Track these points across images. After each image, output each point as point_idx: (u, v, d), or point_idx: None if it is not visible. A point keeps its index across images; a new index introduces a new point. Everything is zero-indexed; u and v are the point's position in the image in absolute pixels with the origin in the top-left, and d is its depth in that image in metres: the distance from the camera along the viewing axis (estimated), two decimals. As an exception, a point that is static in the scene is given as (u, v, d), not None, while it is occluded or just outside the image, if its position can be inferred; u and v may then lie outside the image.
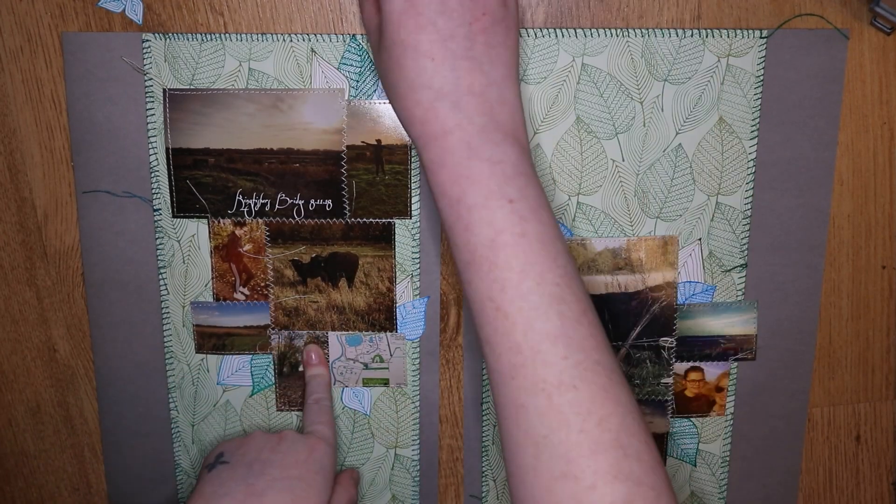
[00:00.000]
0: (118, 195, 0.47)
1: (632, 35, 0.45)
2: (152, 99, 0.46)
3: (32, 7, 0.45)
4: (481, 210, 0.33)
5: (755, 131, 0.46)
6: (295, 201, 0.47)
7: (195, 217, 0.47)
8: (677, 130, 0.46)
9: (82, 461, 0.52)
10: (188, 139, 0.46)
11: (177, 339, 0.49)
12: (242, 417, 0.51)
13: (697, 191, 0.47)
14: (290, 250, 0.48)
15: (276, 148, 0.46)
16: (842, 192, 0.48)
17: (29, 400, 0.51)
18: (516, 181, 0.34)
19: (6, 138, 0.47)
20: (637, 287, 0.48)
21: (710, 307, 0.49)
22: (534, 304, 0.32)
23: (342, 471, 0.50)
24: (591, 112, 0.46)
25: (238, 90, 0.45)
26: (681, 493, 0.52)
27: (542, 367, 0.32)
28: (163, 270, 0.48)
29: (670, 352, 0.49)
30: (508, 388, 0.33)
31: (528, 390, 0.32)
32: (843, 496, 0.53)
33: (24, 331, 0.50)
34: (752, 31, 0.45)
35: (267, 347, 0.49)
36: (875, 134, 0.47)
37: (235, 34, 0.45)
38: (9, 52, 0.45)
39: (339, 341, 0.49)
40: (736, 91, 0.46)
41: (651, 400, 0.50)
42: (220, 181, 0.47)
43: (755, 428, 0.51)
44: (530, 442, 0.32)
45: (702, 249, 0.48)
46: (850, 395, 0.51)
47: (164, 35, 0.45)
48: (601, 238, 0.47)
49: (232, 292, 0.48)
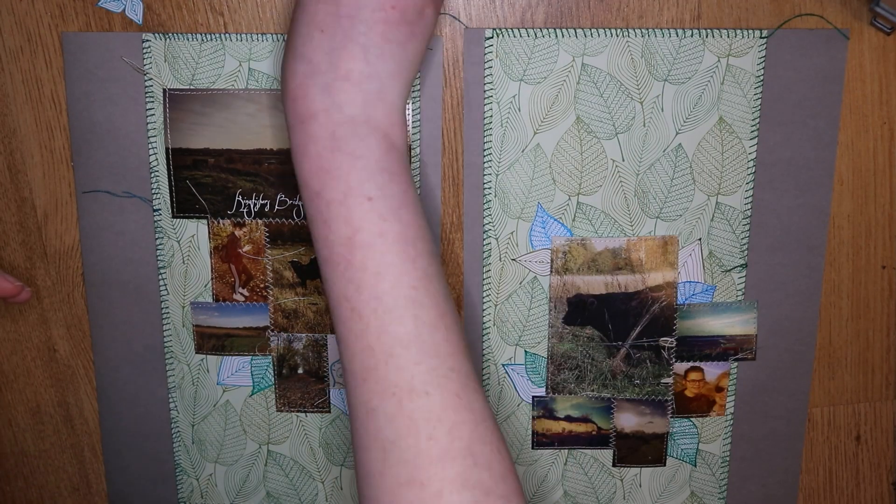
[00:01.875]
0: (118, 195, 0.47)
1: (632, 35, 0.45)
2: (152, 99, 0.46)
3: (32, 7, 0.45)
4: (339, 206, 0.32)
5: (755, 131, 0.46)
6: (294, 202, 0.47)
7: (195, 217, 0.47)
8: (677, 130, 0.46)
9: (82, 461, 0.52)
10: (188, 139, 0.46)
11: (177, 340, 0.49)
12: (242, 417, 0.51)
13: (697, 191, 0.47)
14: (290, 251, 0.48)
15: (275, 148, 0.46)
16: (842, 192, 0.48)
17: (29, 400, 0.51)
18: (377, 178, 0.33)
19: (6, 138, 0.47)
20: (637, 287, 0.48)
21: (710, 307, 0.49)
22: (388, 307, 0.31)
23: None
24: (591, 112, 0.46)
25: (238, 90, 0.45)
26: (681, 492, 0.52)
27: (395, 372, 0.31)
28: (162, 271, 0.48)
29: (670, 352, 0.49)
30: (360, 391, 0.32)
31: (380, 394, 0.31)
32: (843, 496, 0.53)
33: (24, 331, 0.50)
34: (752, 31, 0.45)
35: (266, 349, 0.49)
36: (875, 134, 0.47)
37: (235, 34, 0.45)
38: (9, 52, 0.45)
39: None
40: (736, 91, 0.46)
41: (651, 400, 0.50)
42: (220, 181, 0.47)
43: (755, 428, 0.51)
44: (378, 446, 0.31)
45: (702, 249, 0.48)
46: (850, 395, 0.51)
47: (164, 35, 0.45)
48: (601, 238, 0.47)
49: (231, 293, 0.48)
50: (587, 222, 0.47)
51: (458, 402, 0.31)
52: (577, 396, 0.50)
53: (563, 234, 0.47)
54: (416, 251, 0.33)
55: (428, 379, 0.31)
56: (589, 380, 0.49)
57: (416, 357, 0.31)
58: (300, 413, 0.51)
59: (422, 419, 0.30)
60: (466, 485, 0.30)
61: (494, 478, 0.30)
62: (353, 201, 0.32)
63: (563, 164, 0.46)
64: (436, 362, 0.31)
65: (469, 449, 0.30)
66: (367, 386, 0.31)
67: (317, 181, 0.33)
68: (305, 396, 0.50)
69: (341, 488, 0.52)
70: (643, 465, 0.51)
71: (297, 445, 0.51)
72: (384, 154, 0.33)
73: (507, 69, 0.45)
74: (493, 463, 0.31)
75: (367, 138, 0.33)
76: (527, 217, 0.47)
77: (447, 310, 0.33)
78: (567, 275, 0.48)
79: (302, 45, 0.33)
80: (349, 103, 0.33)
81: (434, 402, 0.31)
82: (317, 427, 0.51)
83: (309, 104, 0.33)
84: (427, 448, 0.30)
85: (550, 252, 0.48)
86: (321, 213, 0.33)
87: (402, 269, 0.32)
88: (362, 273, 0.32)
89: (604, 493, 0.52)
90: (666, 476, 0.51)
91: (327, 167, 0.32)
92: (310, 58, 0.33)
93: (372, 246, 0.32)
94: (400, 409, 0.31)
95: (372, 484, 0.31)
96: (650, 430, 0.50)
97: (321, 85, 0.33)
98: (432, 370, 0.31)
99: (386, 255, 0.32)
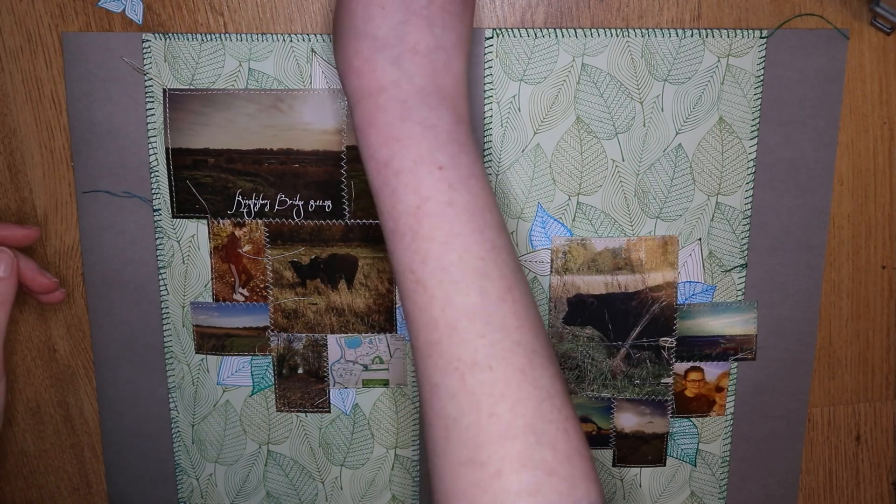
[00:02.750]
0: (118, 195, 0.47)
1: (632, 35, 0.45)
2: (152, 99, 0.46)
3: (32, 7, 0.45)
4: (408, 175, 0.31)
5: (755, 131, 0.46)
6: (294, 202, 0.47)
7: (195, 217, 0.47)
8: (677, 130, 0.46)
9: (82, 461, 0.52)
10: (188, 139, 0.46)
11: (177, 340, 0.49)
12: (242, 417, 0.51)
13: (697, 191, 0.47)
14: (290, 251, 0.48)
15: (275, 148, 0.46)
16: (842, 192, 0.48)
17: (29, 400, 0.51)
18: (448, 148, 0.32)
19: (6, 138, 0.47)
20: (637, 287, 0.48)
21: (710, 307, 0.49)
22: (454, 279, 0.30)
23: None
24: (591, 112, 0.46)
25: (238, 90, 0.45)
26: (681, 492, 0.52)
27: (458, 346, 0.30)
28: (162, 271, 0.48)
29: (670, 352, 0.49)
30: (425, 366, 0.31)
31: (442, 369, 0.30)
32: (843, 496, 0.53)
33: (24, 331, 0.50)
34: (752, 31, 0.45)
35: (266, 349, 0.49)
36: (875, 134, 0.47)
37: (235, 34, 0.45)
38: (9, 52, 0.45)
39: (338, 344, 0.49)
40: (736, 91, 0.46)
41: (651, 400, 0.50)
42: (220, 181, 0.47)
43: (755, 428, 0.51)
44: (441, 424, 0.30)
45: (702, 249, 0.48)
46: (850, 395, 0.51)
47: (164, 35, 0.45)
48: (601, 238, 0.47)
49: (231, 293, 0.48)
50: (587, 222, 0.47)
51: (521, 377, 0.30)
52: (577, 396, 0.50)
53: (563, 234, 0.47)
54: (484, 222, 0.32)
55: (491, 353, 0.30)
56: (589, 380, 0.49)
57: (481, 330, 0.30)
58: (300, 413, 0.51)
59: (484, 395, 0.29)
60: (527, 464, 0.28)
61: (558, 458, 0.29)
62: (423, 170, 0.31)
63: (563, 164, 0.46)
64: (500, 335, 0.30)
65: (531, 427, 0.29)
66: (431, 361, 0.30)
67: (386, 150, 0.32)
68: (305, 396, 0.50)
69: (341, 488, 0.52)
70: (643, 465, 0.51)
71: (297, 445, 0.51)
72: (454, 125, 0.33)
73: (507, 69, 0.45)
74: (559, 442, 0.29)
75: (438, 108, 0.33)
76: (527, 217, 0.47)
77: (515, 282, 0.32)
78: (567, 275, 0.48)
79: (364, 24, 0.33)
80: (420, 74, 0.33)
81: (497, 376, 0.29)
82: (317, 427, 0.51)
83: (379, 77, 0.32)
84: (488, 425, 0.29)
85: (550, 252, 0.48)
86: (389, 183, 0.32)
87: (470, 240, 0.31)
88: (429, 243, 0.31)
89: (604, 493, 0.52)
90: (666, 476, 0.51)
91: (397, 135, 0.32)
92: (374, 34, 0.33)
93: (441, 215, 0.31)
94: (462, 384, 0.30)
95: (437, 463, 0.30)
96: (650, 430, 0.50)
97: (390, 58, 0.32)
98: (496, 343, 0.30)
99: (455, 224, 0.31)
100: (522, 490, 0.28)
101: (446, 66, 0.34)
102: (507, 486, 0.28)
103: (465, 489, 0.29)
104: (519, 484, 0.28)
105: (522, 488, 0.28)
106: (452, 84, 0.34)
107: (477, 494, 0.28)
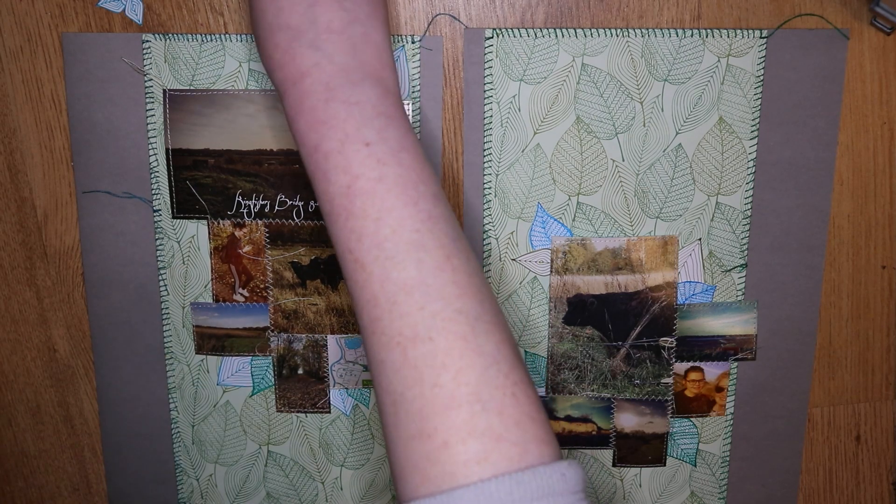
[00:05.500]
0: (118, 195, 0.47)
1: (632, 35, 0.45)
2: (152, 99, 0.46)
3: (32, 7, 0.45)
4: (337, 156, 0.31)
5: (755, 131, 0.46)
6: (294, 203, 0.47)
7: (195, 218, 0.47)
8: (677, 130, 0.46)
9: (82, 461, 0.52)
10: (188, 140, 0.46)
11: (177, 340, 0.49)
12: (242, 418, 0.51)
13: (697, 191, 0.47)
14: (290, 252, 0.48)
15: (275, 149, 0.46)
16: (842, 192, 0.48)
17: (29, 400, 0.51)
18: (375, 122, 0.32)
19: (6, 138, 0.47)
20: (637, 287, 0.48)
21: (710, 307, 0.49)
22: (390, 254, 0.30)
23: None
24: (591, 112, 0.46)
25: (238, 91, 0.45)
26: (681, 492, 0.52)
27: (398, 320, 0.29)
28: (163, 271, 0.48)
29: (670, 352, 0.49)
30: (370, 344, 0.31)
31: (386, 345, 0.30)
32: (843, 496, 0.53)
33: (24, 331, 0.50)
34: (752, 31, 0.45)
35: (266, 349, 0.49)
36: (875, 134, 0.47)
37: (235, 34, 0.45)
38: (9, 52, 0.45)
39: (338, 344, 0.49)
40: (736, 91, 0.46)
41: (651, 400, 0.50)
42: (220, 182, 0.47)
43: (755, 428, 0.51)
44: (389, 400, 0.30)
45: (702, 249, 0.48)
46: (850, 395, 0.51)
47: (164, 35, 0.45)
48: (601, 238, 0.47)
49: (231, 294, 0.48)
50: (587, 222, 0.47)
51: (464, 345, 0.29)
52: (577, 396, 0.50)
53: (563, 234, 0.47)
54: (417, 193, 0.31)
55: (431, 324, 0.29)
56: (589, 380, 0.49)
57: (420, 302, 0.29)
58: (300, 413, 0.51)
59: (426, 366, 0.29)
60: (473, 433, 0.28)
61: (506, 423, 0.28)
62: (351, 148, 0.31)
63: (563, 164, 0.46)
64: (440, 305, 0.29)
65: (476, 394, 0.28)
66: (375, 338, 0.30)
67: (314, 134, 0.32)
68: (305, 397, 0.50)
69: (341, 488, 0.52)
70: (643, 465, 0.51)
71: (297, 446, 0.51)
72: (380, 99, 0.32)
73: (507, 69, 0.45)
74: (507, 408, 0.29)
75: (362, 84, 0.32)
76: (527, 217, 0.47)
77: (455, 251, 0.31)
78: (567, 275, 0.48)
79: (275, 17, 0.33)
80: (339, 52, 0.32)
81: (438, 347, 0.29)
82: (317, 427, 0.51)
83: (299, 64, 0.32)
84: (432, 397, 0.28)
85: (550, 252, 0.48)
86: (320, 167, 0.32)
87: (403, 213, 0.31)
88: (363, 221, 0.30)
89: (604, 492, 0.52)
90: (666, 476, 0.51)
91: (323, 118, 0.32)
92: (287, 24, 0.33)
93: (371, 192, 0.31)
94: (405, 358, 0.29)
95: (389, 439, 0.30)
96: (650, 430, 0.50)
97: (307, 43, 0.33)
98: (436, 314, 0.29)
99: (386, 199, 0.31)
100: (470, 459, 0.28)
101: (365, 38, 0.33)
102: (455, 456, 0.28)
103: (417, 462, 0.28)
104: (466, 453, 0.28)
105: (470, 457, 0.28)
106: (375, 55, 0.33)
107: (427, 467, 0.28)
